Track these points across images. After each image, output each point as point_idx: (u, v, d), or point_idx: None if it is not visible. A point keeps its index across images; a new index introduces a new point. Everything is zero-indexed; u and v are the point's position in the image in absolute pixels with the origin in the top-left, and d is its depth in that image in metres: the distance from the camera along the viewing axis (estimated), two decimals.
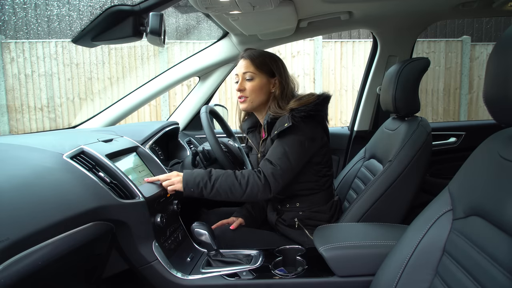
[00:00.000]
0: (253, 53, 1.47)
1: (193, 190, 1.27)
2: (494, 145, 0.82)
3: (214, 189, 1.26)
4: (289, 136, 1.33)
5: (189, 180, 1.27)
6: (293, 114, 1.34)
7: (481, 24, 6.50)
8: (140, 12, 1.25)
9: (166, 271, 1.16)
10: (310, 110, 1.35)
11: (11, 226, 0.74)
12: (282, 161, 1.30)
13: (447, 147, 2.27)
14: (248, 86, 1.44)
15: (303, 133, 1.35)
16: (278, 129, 1.33)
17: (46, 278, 0.87)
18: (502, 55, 0.73)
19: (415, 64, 1.52)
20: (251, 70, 1.44)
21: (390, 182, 1.40)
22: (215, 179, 1.27)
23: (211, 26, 2.09)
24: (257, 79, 1.44)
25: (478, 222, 0.77)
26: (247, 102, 1.46)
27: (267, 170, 1.29)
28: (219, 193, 1.27)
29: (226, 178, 1.28)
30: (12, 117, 5.69)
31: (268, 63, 1.46)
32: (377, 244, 1.13)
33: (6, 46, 5.54)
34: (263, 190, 1.28)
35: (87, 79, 5.75)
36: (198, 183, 1.26)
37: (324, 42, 6.00)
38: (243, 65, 1.46)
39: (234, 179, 1.28)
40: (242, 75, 1.45)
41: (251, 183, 1.27)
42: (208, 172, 1.29)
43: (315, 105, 1.37)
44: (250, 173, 1.29)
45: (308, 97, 1.40)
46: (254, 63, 1.44)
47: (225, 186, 1.27)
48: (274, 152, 1.33)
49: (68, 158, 1.04)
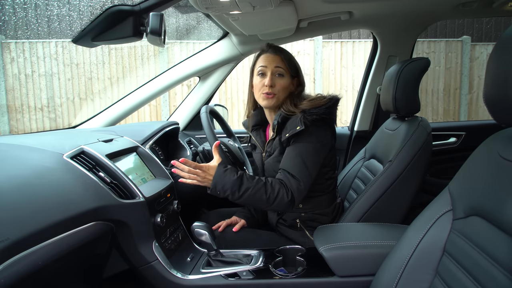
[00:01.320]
0: (282, 49, 1.43)
1: (219, 193, 1.27)
2: (494, 145, 0.82)
3: (241, 199, 1.26)
4: (304, 144, 1.31)
5: (218, 183, 1.25)
6: (304, 116, 1.31)
7: (481, 24, 6.50)
8: (140, 12, 1.25)
9: (166, 271, 1.16)
10: (322, 113, 1.32)
11: (11, 226, 0.74)
12: (303, 174, 1.29)
13: (447, 147, 2.27)
14: (279, 83, 1.39)
15: (316, 138, 1.33)
16: (290, 132, 1.31)
17: (46, 278, 0.87)
18: (502, 55, 0.73)
19: (415, 64, 1.52)
20: (283, 67, 1.40)
21: (390, 182, 1.40)
22: (244, 191, 1.25)
23: (211, 26, 2.09)
24: (286, 77, 1.40)
25: (478, 222, 0.77)
26: (274, 99, 1.39)
27: (292, 186, 1.27)
28: (244, 202, 1.29)
29: (255, 192, 1.25)
30: (12, 117, 5.69)
31: (294, 62, 1.44)
32: (377, 244, 1.13)
33: (6, 46, 5.54)
34: (288, 205, 1.28)
35: (87, 79, 5.75)
36: (226, 191, 1.25)
37: (324, 42, 6.00)
38: (274, 59, 1.39)
39: (263, 194, 1.25)
40: (273, 69, 1.39)
41: (279, 199, 1.26)
42: (239, 181, 1.26)
43: (327, 108, 1.35)
44: (280, 189, 1.26)
45: (319, 99, 1.37)
46: (285, 59, 1.40)
47: (252, 200, 1.27)
48: (293, 163, 1.30)
49: (68, 158, 1.04)
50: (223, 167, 1.28)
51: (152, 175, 1.37)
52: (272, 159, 1.42)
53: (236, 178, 1.26)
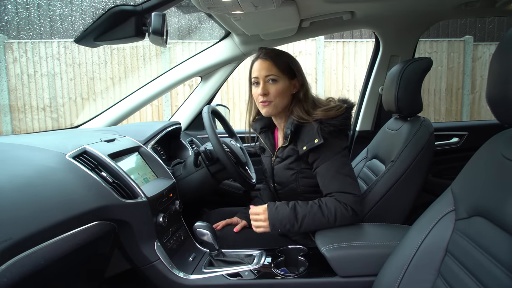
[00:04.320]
0: (273, 53, 1.37)
1: (279, 231, 1.26)
2: (497, 145, 0.82)
3: (301, 228, 1.24)
4: (333, 160, 1.28)
5: (275, 222, 1.24)
6: (322, 128, 1.28)
7: (484, 24, 6.48)
8: (143, 12, 1.25)
9: (168, 270, 1.16)
10: (340, 125, 1.29)
11: (13, 225, 0.74)
12: (353, 186, 1.28)
13: (450, 147, 2.27)
14: (273, 89, 1.34)
15: (339, 148, 1.30)
16: (308, 145, 1.28)
17: (48, 277, 0.87)
18: (505, 55, 0.73)
19: (417, 64, 1.51)
20: (274, 72, 1.34)
21: (392, 183, 1.40)
22: (301, 219, 1.24)
23: (213, 26, 2.09)
24: (281, 82, 1.34)
25: (481, 223, 0.77)
26: (271, 107, 1.35)
27: (348, 200, 1.25)
28: (306, 230, 1.27)
29: (313, 216, 1.23)
30: (15, 117, 5.71)
31: (289, 63, 1.37)
32: (379, 245, 1.13)
33: (9, 46, 5.56)
34: (353, 218, 1.26)
35: (90, 79, 5.76)
36: (285, 225, 1.24)
37: (326, 42, 6.00)
38: (264, 66, 1.34)
39: (321, 216, 1.23)
40: (264, 78, 1.34)
41: (339, 217, 1.24)
42: (293, 211, 1.24)
43: (344, 119, 1.31)
44: (336, 207, 1.24)
45: (335, 109, 1.32)
46: (276, 64, 1.34)
47: (313, 225, 1.25)
48: (336, 183, 1.27)
49: (71, 158, 1.04)
50: (273, 206, 1.27)
51: (154, 175, 1.37)
52: (284, 165, 1.39)
53: (290, 210, 1.25)
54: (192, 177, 1.52)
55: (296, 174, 1.36)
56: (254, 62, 1.39)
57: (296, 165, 1.36)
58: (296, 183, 1.37)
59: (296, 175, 1.36)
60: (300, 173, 1.36)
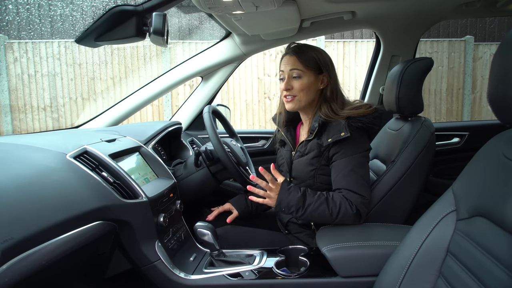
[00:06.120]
0: (299, 48, 1.39)
1: (283, 210, 1.28)
2: (498, 145, 0.82)
3: (304, 215, 1.27)
4: (352, 157, 1.29)
5: (282, 202, 1.27)
6: (349, 123, 1.29)
7: (485, 24, 6.48)
8: (143, 12, 1.25)
9: (169, 271, 1.16)
10: (368, 123, 1.30)
11: (14, 225, 0.74)
12: (364, 189, 1.28)
13: (451, 147, 2.27)
14: (296, 84, 1.36)
15: (361, 148, 1.31)
16: (334, 137, 1.28)
17: (49, 277, 0.87)
18: (506, 55, 0.73)
19: (418, 64, 1.51)
20: (299, 67, 1.35)
21: (393, 183, 1.40)
22: (307, 206, 1.26)
23: (213, 26, 2.09)
24: (305, 77, 1.36)
25: (482, 223, 0.77)
26: (295, 102, 1.38)
27: (356, 200, 1.26)
28: (307, 218, 1.30)
29: (318, 206, 1.26)
30: (16, 117, 5.72)
31: (315, 58, 1.37)
32: (380, 245, 1.13)
33: (9, 46, 5.57)
34: (355, 219, 1.27)
35: (90, 79, 5.77)
36: (290, 208, 1.27)
37: (326, 42, 6.00)
38: (289, 61, 1.37)
39: (325, 208, 1.26)
40: (288, 72, 1.37)
41: (342, 213, 1.25)
42: (303, 198, 1.27)
43: (374, 118, 1.32)
44: (341, 202, 1.26)
45: (365, 107, 1.33)
46: (300, 59, 1.36)
47: (315, 214, 1.26)
48: (348, 180, 1.28)
49: (72, 158, 1.04)
50: (287, 185, 1.29)
51: (154, 175, 1.37)
52: (304, 160, 1.39)
53: (300, 195, 1.27)
54: (192, 177, 1.52)
55: (315, 170, 1.36)
56: (282, 58, 1.41)
57: (317, 161, 1.36)
58: (314, 179, 1.37)
59: (315, 172, 1.36)
60: (319, 170, 1.36)
